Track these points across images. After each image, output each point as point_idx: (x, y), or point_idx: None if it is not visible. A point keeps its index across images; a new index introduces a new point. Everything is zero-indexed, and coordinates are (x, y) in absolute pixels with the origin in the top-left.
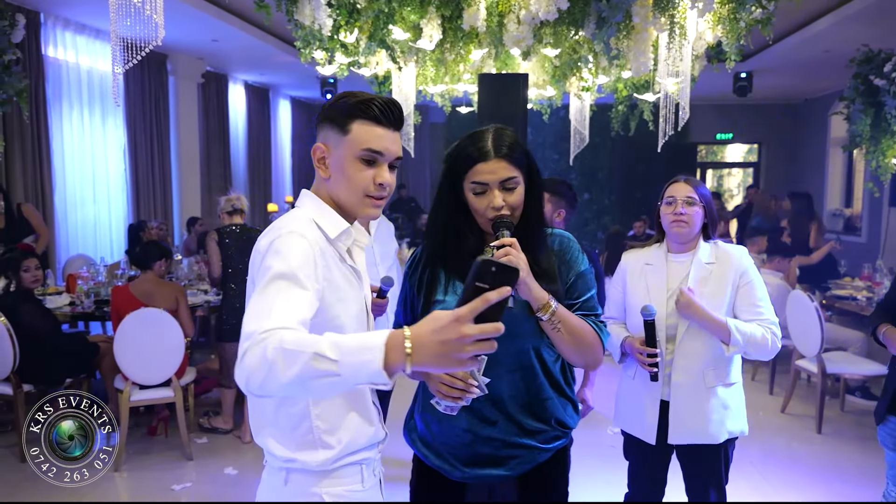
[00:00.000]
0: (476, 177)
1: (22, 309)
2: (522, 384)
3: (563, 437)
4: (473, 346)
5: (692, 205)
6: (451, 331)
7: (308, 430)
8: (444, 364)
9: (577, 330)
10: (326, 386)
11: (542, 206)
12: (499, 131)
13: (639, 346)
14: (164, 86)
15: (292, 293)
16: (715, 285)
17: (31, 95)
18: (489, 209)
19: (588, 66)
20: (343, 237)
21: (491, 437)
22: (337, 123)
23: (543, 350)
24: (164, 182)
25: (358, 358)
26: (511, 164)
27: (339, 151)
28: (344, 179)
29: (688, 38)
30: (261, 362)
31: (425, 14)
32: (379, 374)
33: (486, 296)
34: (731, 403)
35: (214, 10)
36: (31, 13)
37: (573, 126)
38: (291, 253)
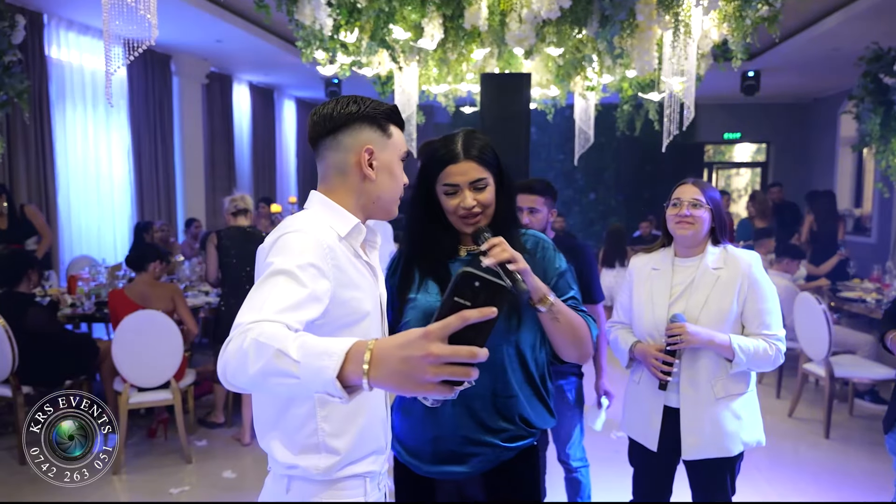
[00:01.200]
0: (447, 178)
1: (27, 311)
2: (489, 381)
3: (528, 437)
4: (440, 368)
5: (698, 207)
6: (417, 348)
7: (312, 432)
8: (403, 385)
9: (573, 321)
10: (285, 387)
11: (514, 207)
12: (469, 134)
13: (654, 352)
14: (168, 87)
15: (288, 289)
16: (720, 292)
17: (35, 96)
18: (460, 208)
19: (592, 65)
20: (354, 233)
21: (454, 434)
22: (380, 127)
23: (523, 345)
24: (168, 183)
25: (317, 363)
26: (481, 165)
27: (384, 154)
28: (391, 179)
29: (693, 36)
30: (237, 352)
31: (426, 13)
32: (331, 383)
33: (464, 313)
34: (743, 413)
35: (217, 11)
36: (34, 14)
37: (577, 126)
38: (294, 250)
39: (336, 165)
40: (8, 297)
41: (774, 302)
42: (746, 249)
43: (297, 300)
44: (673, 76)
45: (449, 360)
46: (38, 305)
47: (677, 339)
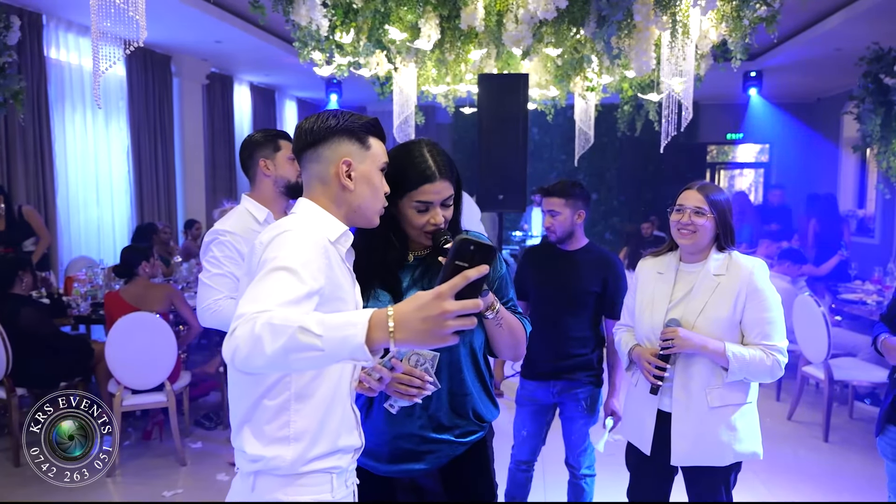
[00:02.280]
0: (421, 196)
1: (21, 312)
2: (445, 381)
3: (479, 431)
4: (454, 321)
5: (701, 215)
6: (433, 307)
7: (285, 424)
8: (427, 340)
9: (514, 326)
10: (309, 360)
11: (461, 210)
12: (433, 149)
13: (648, 355)
14: (168, 87)
15: (289, 285)
16: (718, 299)
17: (34, 97)
18: (429, 224)
19: (591, 65)
20: (343, 239)
21: (411, 433)
22: (358, 139)
23: (475, 345)
24: (168, 184)
25: (342, 333)
26: (451, 183)
27: (363, 166)
28: (371, 190)
29: (691, 36)
30: (248, 336)
31: (423, 14)
32: (360, 348)
33: (465, 273)
34: (739, 425)
35: (216, 11)
36: (32, 15)
37: (578, 126)
38: (295, 248)
39: (318, 176)
40: (1, 300)
41: (777, 312)
42: (751, 256)
43: (296, 296)
44: (671, 77)
45: (459, 313)
46: (32, 307)
47: (670, 343)
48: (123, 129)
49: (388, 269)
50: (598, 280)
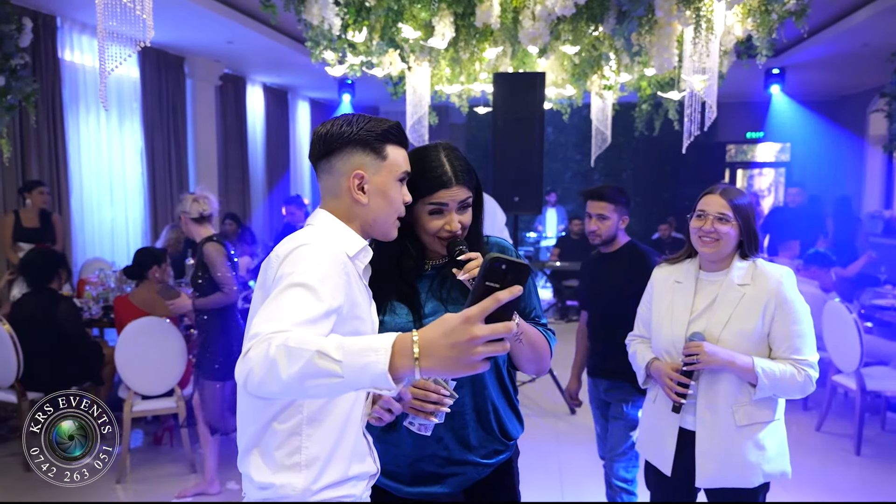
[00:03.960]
0: (437, 199)
1: (60, 308)
2: (469, 397)
3: (505, 451)
4: (484, 347)
5: (724, 222)
6: (462, 333)
7: (295, 450)
8: (455, 368)
9: (535, 340)
10: (327, 387)
11: (481, 219)
12: (451, 154)
13: (670, 371)
14: (181, 89)
15: (307, 303)
16: (744, 310)
17: (48, 99)
18: (444, 230)
19: (609, 63)
20: (361, 254)
21: (434, 454)
22: (373, 149)
23: (499, 359)
24: (182, 185)
25: (362, 359)
26: (469, 189)
27: (378, 177)
28: (386, 202)
29: (715, 32)
30: (263, 359)
31: (436, 11)
32: (383, 377)
33: (496, 295)
34: (768, 443)
35: (228, 11)
36: (46, 17)
37: (594, 126)
38: (313, 264)
39: (330, 189)
40: (37, 294)
41: (807, 324)
42: (777, 264)
43: (314, 315)
44: (694, 74)
45: (490, 338)
46: (68, 303)
47: (694, 358)
48: (137, 131)
49: (405, 280)
50: (639, 277)
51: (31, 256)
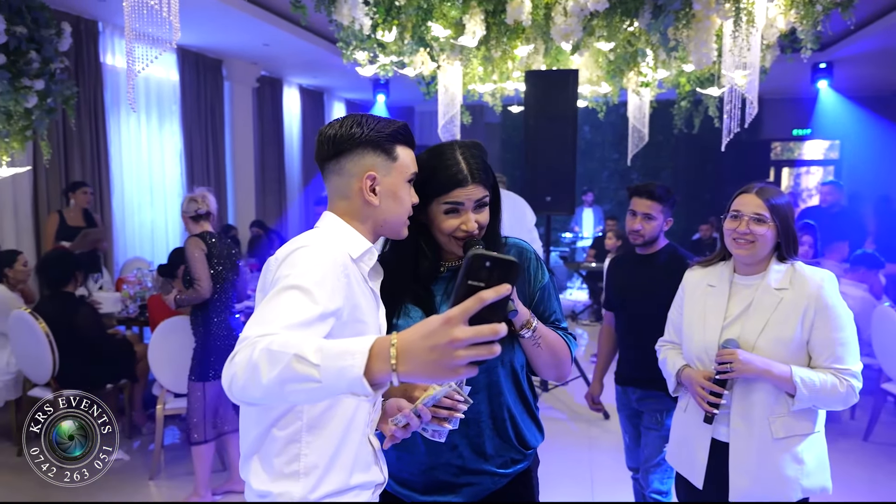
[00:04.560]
0: (452, 198)
1: (77, 311)
2: (485, 404)
3: (523, 461)
4: (467, 351)
5: (761, 223)
6: (442, 335)
7: (294, 458)
8: (435, 372)
9: (554, 344)
10: (305, 392)
11: (499, 219)
12: (467, 152)
13: (702, 379)
14: (219, 91)
15: (301, 306)
16: (782, 316)
17: (90, 103)
18: (459, 230)
19: (646, 59)
20: (366, 257)
21: (449, 462)
22: (384, 150)
23: (516, 365)
24: (219, 186)
25: (339, 363)
26: (485, 187)
27: (389, 178)
28: (397, 203)
29: (756, 25)
30: (247, 363)
31: (467, 9)
32: (359, 382)
33: (480, 295)
34: (807, 457)
35: (264, 15)
36: (88, 22)
37: (631, 124)
38: (310, 266)
39: (339, 190)
40: (56, 297)
41: (850, 331)
42: (817, 267)
43: (307, 318)
44: (734, 70)
45: (473, 341)
46: (87, 306)
47: (728, 367)
48: (176, 133)
49: (419, 282)
50: (676, 283)
51: (47, 259)
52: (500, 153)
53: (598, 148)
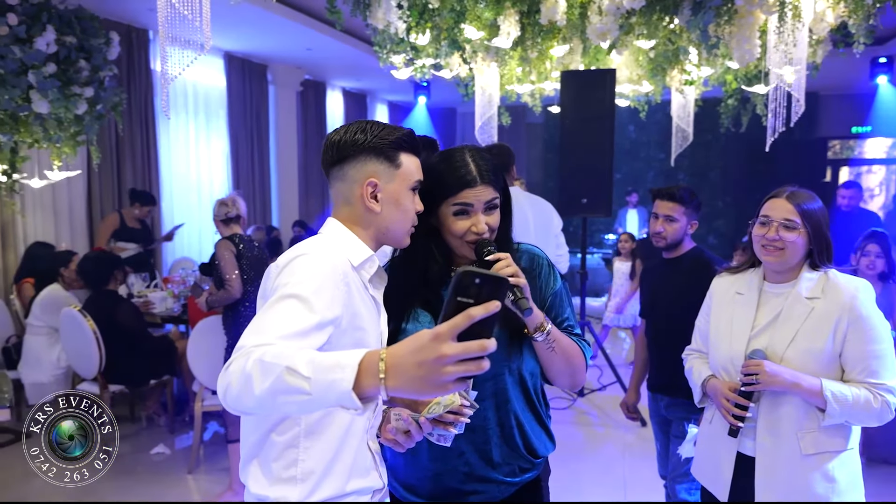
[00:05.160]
0: (461, 199)
1: (119, 309)
2: (492, 412)
3: (531, 469)
4: (456, 367)
5: (791, 230)
6: (430, 351)
7: (292, 463)
8: (422, 388)
9: (568, 349)
10: (297, 404)
11: (510, 224)
12: (476, 154)
13: (727, 391)
14: (264, 95)
15: (298, 315)
16: (813, 327)
17: (141, 108)
18: (470, 232)
19: (688, 57)
20: (367, 265)
21: (456, 469)
22: (387, 157)
23: (524, 372)
24: (264, 188)
25: (329, 376)
26: (493, 187)
27: (391, 185)
28: (399, 211)
29: (803, 20)
30: (240, 373)
31: (501, 10)
32: (348, 395)
33: (469, 312)
34: (839, 475)
35: (306, 20)
36: (139, 31)
37: (675, 123)
38: (309, 275)
39: (342, 196)
40: (98, 296)
41: (887, 343)
42: (852, 275)
43: (304, 327)
44: (782, 66)
45: (461, 357)
46: (128, 305)
47: (753, 378)
48: (223, 136)
49: (429, 287)
50: (702, 286)
51: (86, 260)
52: (542, 153)
53: (644, 148)
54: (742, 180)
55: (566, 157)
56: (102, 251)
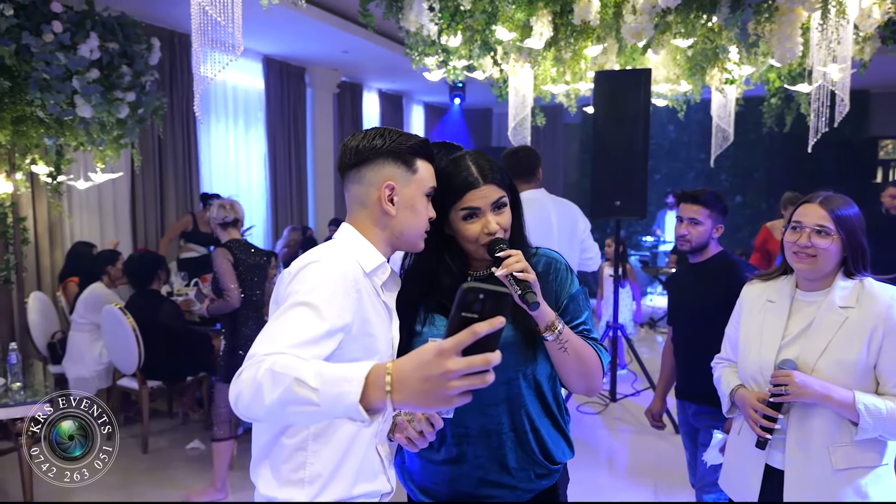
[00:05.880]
0: (467, 203)
1: (162, 308)
2: (506, 416)
3: (548, 476)
4: (460, 381)
5: (824, 236)
6: (435, 366)
7: (300, 465)
8: (428, 402)
9: (581, 351)
10: (306, 415)
11: (522, 225)
12: (478, 157)
13: (755, 402)
14: (302, 97)
15: (308, 323)
16: (846, 337)
17: (183, 111)
18: (482, 234)
19: (728, 55)
20: (379, 271)
21: (469, 474)
22: (404, 162)
23: (540, 376)
24: (301, 189)
25: (337, 389)
26: (499, 186)
27: (408, 190)
28: (414, 215)
29: (848, 17)
30: (251, 382)
31: (534, 11)
32: (354, 408)
33: (474, 328)
34: (871, 491)
35: (343, 24)
36: (182, 36)
37: (715, 123)
38: (320, 282)
39: (358, 198)
40: (141, 295)
41: None
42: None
43: (314, 335)
44: (826, 64)
45: (466, 372)
46: (170, 303)
47: (783, 389)
48: (261, 138)
49: (445, 293)
50: (727, 291)
51: (131, 260)
52: (578, 154)
53: (684, 148)
54: (787, 181)
55: (599, 158)
56: (148, 251)
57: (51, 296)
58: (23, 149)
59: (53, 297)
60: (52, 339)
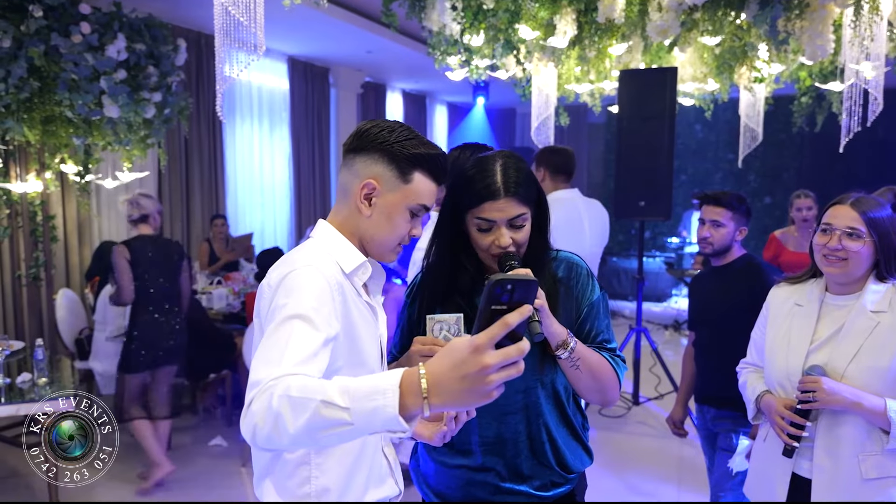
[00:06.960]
0: (483, 214)
1: None
2: (523, 425)
3: (564, 484)
4: (498, 374)
5: (855, 238)
6: (472, 364)
7: (305, 480)
8: (469, 400)
9: (595, 367)
10: (338, 436)
11: (546, 235)
12: (507, 163)
13: (782, 408)
14: (326, 97)
15: (305, 336)
16: (878, 342)
17: (209, 112)
18: (494, 246)
19: (756, 53)
20: (359, 271)
21: (485, 480)
22: (398, 167)
23: (558, 385)
24: (324, 188)
25: (371, 403)
26: (520, 201)
27: (391, 196)
28: (388, 225)
29: (881, 13)
30: (266, 413)
31: (557, 9)
32: (394, 420)
33: (505, 319)
34: None
35: (366, 24)
36: (209, 37)
37: (743, 122)
38: (306, 292)
39: (343, 186)
40: None
41: None
42: None
43: (314, 348)
44: (860, 62)
45: (503, 365)
46: (196, 303)
47: (810, 395)
48: (286, 138)
49: (460, 293)
50: (751, 294)
51: None
52: (603, 154)
53: (711, 148)
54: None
55: (623, 158)
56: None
57: (79, 293)
58: (52, 148)
59: (81, 294)
60: (80, 336)
